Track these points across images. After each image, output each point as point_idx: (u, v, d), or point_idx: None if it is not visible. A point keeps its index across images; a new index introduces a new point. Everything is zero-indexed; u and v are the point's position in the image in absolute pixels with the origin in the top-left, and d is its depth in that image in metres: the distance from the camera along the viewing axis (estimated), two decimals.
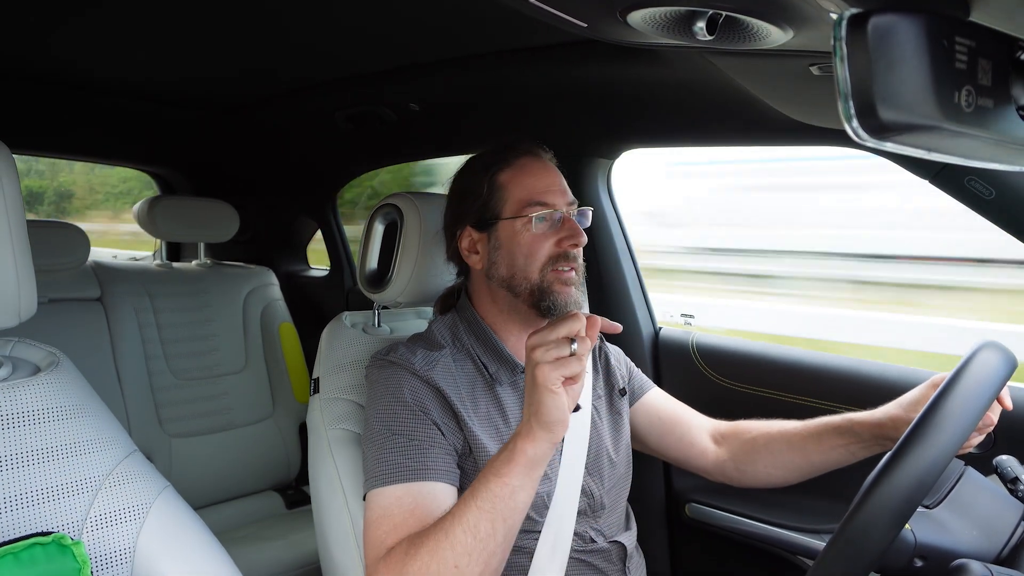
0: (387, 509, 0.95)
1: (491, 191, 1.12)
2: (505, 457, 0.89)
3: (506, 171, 1.12)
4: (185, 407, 2.09)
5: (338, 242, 2.50)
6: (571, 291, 1.09)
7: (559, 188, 1.12)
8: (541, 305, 1.09)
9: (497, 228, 1.11)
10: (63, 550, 0.75)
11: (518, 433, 0.90)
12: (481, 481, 0.89)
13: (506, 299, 1.13)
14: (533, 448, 0.88)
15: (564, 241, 1.09)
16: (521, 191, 1.10)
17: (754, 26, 0.77)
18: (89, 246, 1.90)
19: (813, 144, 1.38)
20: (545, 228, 1.09)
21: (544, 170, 1.13)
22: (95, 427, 0.85)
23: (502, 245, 1.11)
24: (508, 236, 1.10)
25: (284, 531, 2.00)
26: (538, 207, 1.09)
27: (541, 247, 1.09)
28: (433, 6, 1.20)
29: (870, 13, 0.40)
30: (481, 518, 0.86)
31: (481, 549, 0.86)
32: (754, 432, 1.24)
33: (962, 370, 0.81)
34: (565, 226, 1.10)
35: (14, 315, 0.80)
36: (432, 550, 0.86)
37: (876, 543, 0.70)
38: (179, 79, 1.80)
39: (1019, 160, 0.51)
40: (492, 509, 0.87)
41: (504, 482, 0.87)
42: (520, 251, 1.09)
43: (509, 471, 0.88)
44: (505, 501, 0.87)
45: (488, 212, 1.12)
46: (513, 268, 1.10)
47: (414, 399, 1.03)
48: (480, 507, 0.87)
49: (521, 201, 1.10)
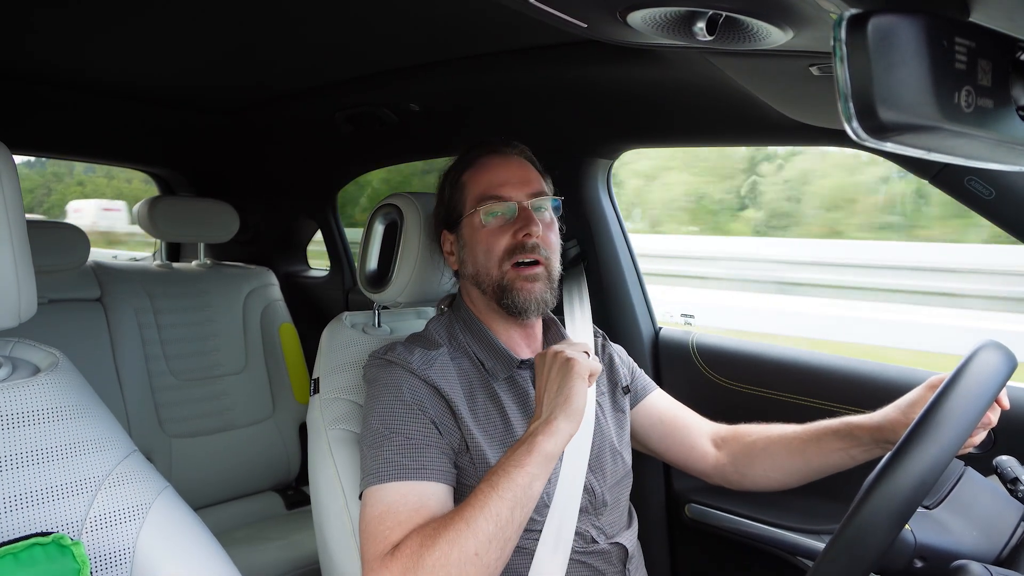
0: (391, 506, 0.95)
1: (453, 191, 1.16)
2: (524, 450, 0.92)
3: (468, 170, 1.16)
4: (185, 407, 2.09)
5: (338, 242, 2.50)
6: (534, 288, 1.10)
7: (517, 180, 1.12)
8: (503, 303, 1.11)
9: (461, 227, 1.15)
10: (63, 550, 0.75)
11: (536, 429, 0.93)
12: (500, 472, 0.91)
13: (481, 297, 1.15)
14: (552, 442, 0.92)
15: (518, 232, 1.10)
16: (476, 187, 1.13)
17: (754, 26, 0.77)
18: (89, 246, 1.90)
19: (813, 144, 1.38)
20: (501, 222, 1.11)
21: (502, 164, 1.14)
22: (95, 427, 0.85)
23: (466, 243, 1.14)
24: (469, 233, 1.13)
25: (284, 531, 2.00)
26: (490, 201, 1.10)
27: (498, 241, 1.10)
28: (433, 6, 1.20)
29: (870, 14, 0.40)
30: (502, 506, 0.88)
31: (501, 536, 0.88)
32: (753, 436, 1.24)
33: (962, 370, 0.81)
34: (520, 216, 1.11)
35: (14, 315, 0.80)
36: (452, 540, 0.86)
37: (876, 544, 0.70)
38: (179, 80, 1.80)
39: (1019, 160, 0.51)
40: (513, 497, 0.89)
41: (525, 471, 0.90)
42: (480, 247, 1.11)
43: (529, 461, 0.91)
44: (524, 490, 0.90)
45: (453, 212, 1.16)
46: (476, 265, 1.13)
47: (412, 398, 1.03)
48: (502, 496, 0.89)
49: (476, 197, 1.12)
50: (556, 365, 0.97)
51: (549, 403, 0.95)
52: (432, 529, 0.89)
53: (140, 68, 1.69)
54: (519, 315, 1.11)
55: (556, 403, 0.93)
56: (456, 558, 0.85)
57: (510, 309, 1.11)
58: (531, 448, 0.91)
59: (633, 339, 1.68)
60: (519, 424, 1.10)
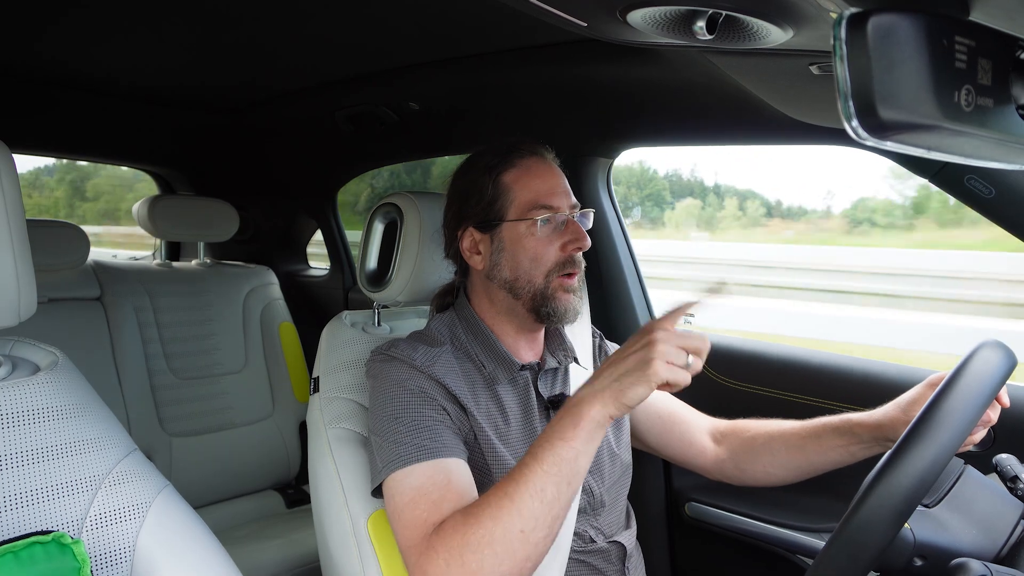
0: (420, 488, 0.92)
1: (495, 192, 1.11)
2: (570, 422, 0.86)
3: (510, 172, 1.11)
4: (185, 406, 2.09)
5: (338, 241, 2.50)
6: (572, 299, 1.10)
7: (563, 190, 1.11)
8: (541, 311, 1.10)
9: (501, 230, 1.11)
10: (63, 549, 0.75)
11: (583, 398, 0.87)
12: (544, 445, 0.86)
13: (505, 301, 1.13)
14: (601, 411, 0.86)
15: (569, 245, 1.08)
16: (526, 193, 1.09)
17: (754, 25, 0.77)
18: (89, 245, 1.90)
19: (813, 143, 1.38)
20: (549, 232, 1.09)
21: (549, 172, 1.13)
22: (95, 426, 0.85)
23: (506, 247, 1.10)
24: (512, 239, 1.10)
25: (284, 530, 2.00)
26: (543, 210, 1.08)
27: (547, 251, 1.08)
28: (433, 5, 1.20)
29: (870, 13, 0.40)
30: (548, 481, 0.84)
31: (547, 513, 0.84)
32: (753, 431, 1.24)
33: (962, 368, 0.81)
34: (569, 229, 1.09)
35: (14, 315, 0.80)
36: (495, 517, 0.83)
37: (876, 542, 0.70)
38: (179, 79, 1.80)
39: (1019, 159, 0.51)
40: (559, 472, 0.84)
41: (571, 445, 0.85)
42: (525, 255, 1.09)
43: (575, 435, 0.85)
44: (571, 464, 0.85)
45: (492, 213, 1.11)
46: (517, 271, 1.10)
47: (418, 387, 1.03)
48: (547, 471, 0.84)
49: (526, 204, 1.09)
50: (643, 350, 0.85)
51: (609, 375, 0.86)
52: (475, 506, 0.86)
53: (140, 67, 1.69)
54: (555, 322, 1.10)
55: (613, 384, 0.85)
56: (500, 535, 0.82)
57: (548, 316, 1.09)
58: (578, 420, 0.85)
59: None
60: (520, 425, 1.10)
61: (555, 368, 1.18)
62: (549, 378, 1.16)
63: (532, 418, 1.11)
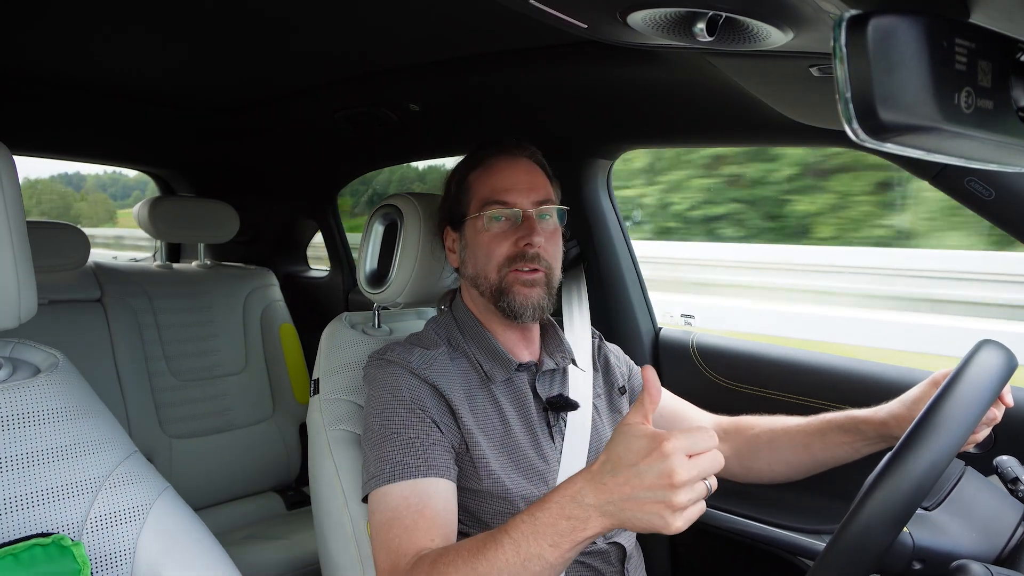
0: (395, 511, 0.94)
1: (460, 190, 1.15)
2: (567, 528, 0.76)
3: (476, 170, 1.15)
4: (185, 408, 2.09)
5: (338, 243, 2.50)
6: (531, 294, 1.09)
7: (524, 187, 1.12)
8: (499, 305, 1.11)
9: (465, 227, 1.14)
10: (63, 551, 0.75)
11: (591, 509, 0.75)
12: (531, 539, 0.78)
13: (479, 298, 1.15)
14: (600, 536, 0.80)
15: (520, 240, 1.09)
16: (483, 189, 1.12)
17: (754, 27, 0.77)
18: (89, 247, 1.90)
19: (813, 145, 1.38)
20: (504, 227, 1.10)
21: (511, 168, 1.13)
22: (95, 428, 0.85)
23: (468, 244, 1.14)
24: (472, 235, 1.13)
25: (284, 532, 2.00)
26: (495, 206, 1.10)
27: (499, 246, 1.10)
28: (433, 6, 1.20)
29: (870, 15, 0.40)
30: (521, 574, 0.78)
31: None
32: (757, 429, 1.23)
33: (962, 370, 0.81)
34: (524, 224, 1.10)
35: (14, 316, 0.80)
36: None
37: (876, 545, 0.70)
38: (179, 80, 1.80)
39: (1019, 161, 0.51)
40: (539, 572, 0.78)
41: (559, 553, 0.77)
42: (480, 250, 1.11)
43: (571, 547, 0.77)
44: (553, 569, 0.79)
45: (457, 211, 1.15)
46: (476, 267, 1.12)
47: (412, 397, 1.03)
48: (525, 564, 0.78)
49: (481, 200, 1.12)
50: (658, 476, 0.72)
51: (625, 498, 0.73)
52: (443, 565, 0.83)
53: (141, 68, 1.68)
54: (515, 318, 1.11)
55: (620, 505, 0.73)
56: None
57: (506, 312, 1.10)
58: (576, 535, 0.75)
59: (633, 339, 1.68)
60: (517, 427, 1.10)
61: (553, 369, 1.18)
62: (547, 379, 1.16)
63: (530, 419, 1.11)
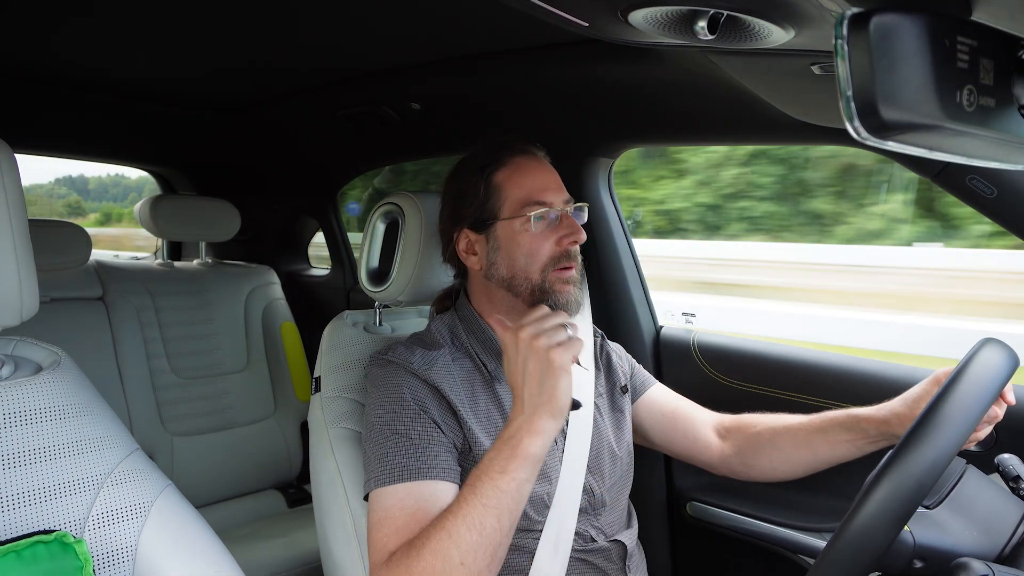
0: (389, 511, 0.95)
1: (487, 192, 1.12)
2: (508, 453, 0.89)
3: (502, 171, 1.12)
4: (187, 406, 2.09)
5: (339, 241, 2.50)
6: (571, 289, 1.10)
7: (555, 186, 1.12)
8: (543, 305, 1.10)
9: (495, 229, 1.11)
10: (65, 548, 0.75)
11: (518, 428, 0.90)
12: (484, 478, 0.89)
13: (504, 299, 1.13)
14: (539, 442, 0.90)
15: (564, 239, 1.09)
16: (518, 191, 1.10)
17: (756, 25, 0.77)
18: (91, 245, 1.90)
19: (814, 143, 1.38)
20: (544, 227, 1.09)
21: (540, 168, 1.13)
22: (97, 426, 0.85)
23: (501, 246, 1.11)
24: (507, 237, 1.10)
25: (285, 530, 2.01)
26: (536, 206, 1.09)
27: (542, 247, 1.09)
28: (434, 5, 1.20)
29: (872, 12, 0.40)
30: (487, 515, 0.87)
31: (487, 544, 0.86)
32: (759, 427, 1.23)
33: (964, 368, 0.81)
34: (563, 224, 1.10)
35: (16, 314, 0.80)
36: (435, 550, 0.86)
37: (877, 543, 0.70)
38: (180, 79, 1.80)
39: (1021, 159, 0.51)
40: (498, 505, 0.87)
41: (511, 477, 0.88)
42: (520, 251, 1.09)
43: (517, 467, 0.88)
44: (511, 495, 0.88)
45: (485, 213, 1.12)
46: (514, 268, 1.10)
47: (413, 398, 1.03)
48: (485, 504, 0.87)
49: (519, 201, 1.10)
50: (533, 356, 0.91)
51: (531, 400, 0.90)
52: (418, 539, 0.89)
53: (142, 67, 1.69)
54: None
55: (540, 401, 0.90)
56: (441, 568, 0.85)
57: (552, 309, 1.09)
58: (515, 451, 0.88)
59: (634, 338, 1.68)
60: None
61: None
62: None
63: None
